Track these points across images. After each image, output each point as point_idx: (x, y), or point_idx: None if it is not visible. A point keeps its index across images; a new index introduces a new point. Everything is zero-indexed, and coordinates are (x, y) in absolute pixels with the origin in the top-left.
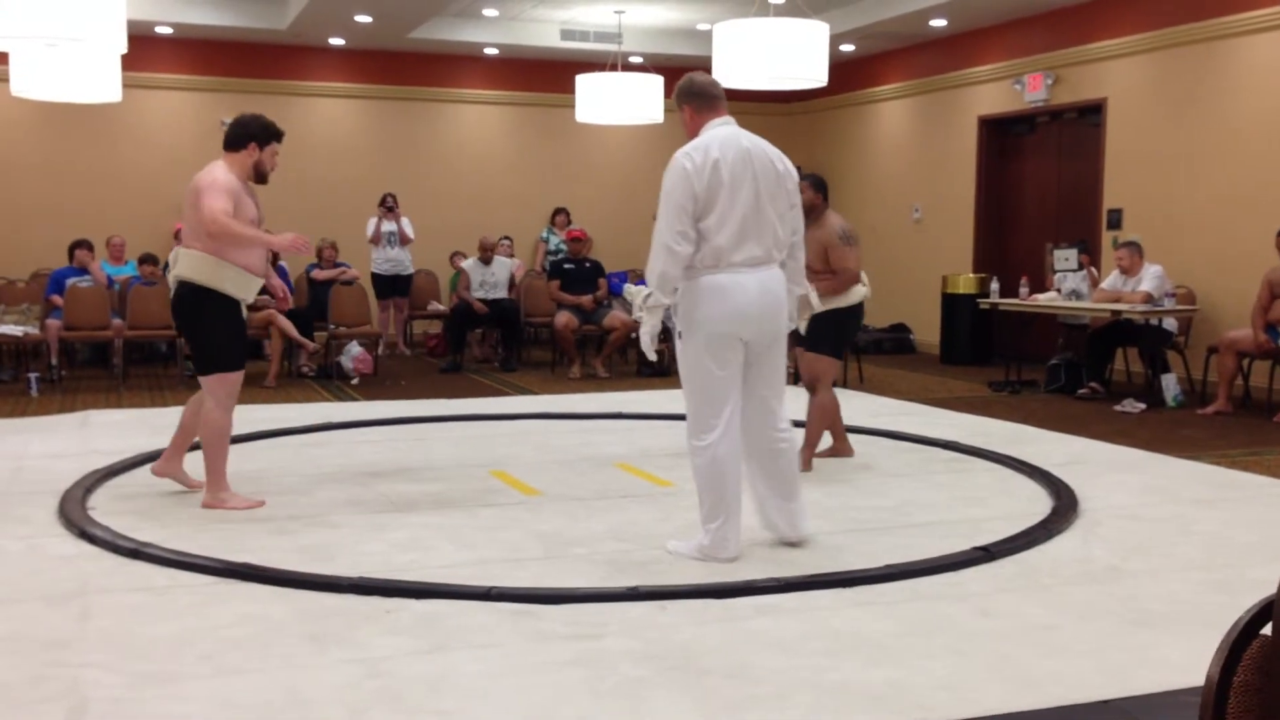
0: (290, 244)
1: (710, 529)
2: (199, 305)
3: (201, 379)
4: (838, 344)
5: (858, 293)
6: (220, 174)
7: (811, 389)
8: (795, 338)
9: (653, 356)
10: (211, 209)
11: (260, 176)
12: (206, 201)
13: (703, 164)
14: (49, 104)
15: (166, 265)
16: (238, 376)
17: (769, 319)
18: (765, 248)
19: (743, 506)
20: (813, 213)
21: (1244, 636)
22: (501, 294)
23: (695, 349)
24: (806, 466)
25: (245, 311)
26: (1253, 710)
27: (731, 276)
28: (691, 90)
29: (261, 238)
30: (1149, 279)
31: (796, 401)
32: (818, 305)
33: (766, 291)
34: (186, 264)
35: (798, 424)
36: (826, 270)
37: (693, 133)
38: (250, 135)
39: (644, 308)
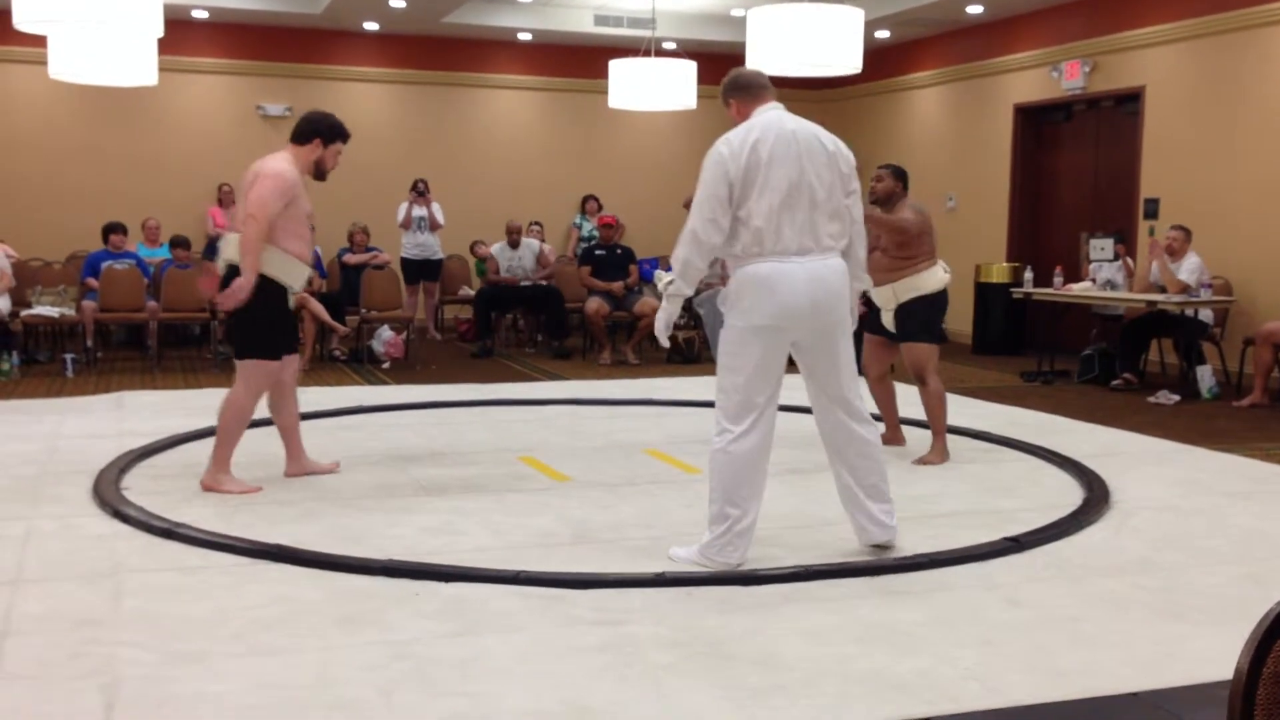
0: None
1: (715, 530)
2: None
3: (238, 363)
4: (931, 329)
5: (940, 279)
6: (285, 167)
7: (920, 379)
8: (876, 330)
9: (665, 343)
10: (261, 201)
11: (320, 174)
12: (259, 192)
13: (740, 147)
14: (86, 87)
15: (210, 249)
16: (276, 366)
17: (823, 313)
18: (815, 235)
19: (757, 513)
20: (891, 200)
21: (1275, 628)
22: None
23: (734, 340)
24: (944, 457)
25: (291, 301)
26: None
27: (776, 265)
28: (736, 84)
29: (253, 269)
30: (1186, 269)
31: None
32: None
33: (818, 281)
34: (237, 248)
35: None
36: (903, 257)
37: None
38: (316, 132)
39: (665, 294)
